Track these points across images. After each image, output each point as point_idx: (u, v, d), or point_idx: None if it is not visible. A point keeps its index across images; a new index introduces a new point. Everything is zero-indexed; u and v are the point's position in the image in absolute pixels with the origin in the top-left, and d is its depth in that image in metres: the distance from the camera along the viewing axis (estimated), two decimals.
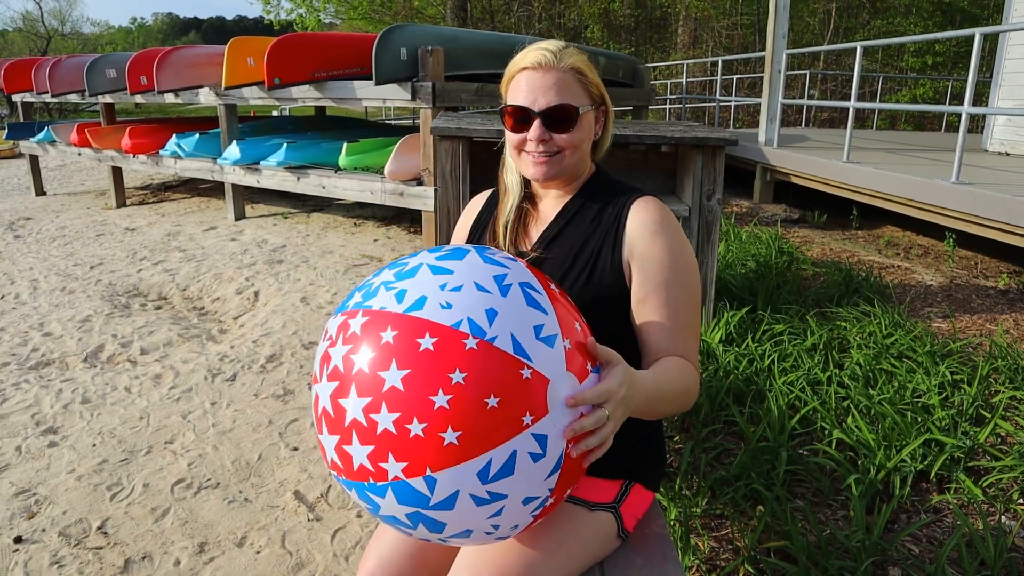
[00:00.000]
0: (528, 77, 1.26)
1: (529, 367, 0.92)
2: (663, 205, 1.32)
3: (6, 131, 9.78)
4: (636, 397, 1.03)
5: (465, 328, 0.92)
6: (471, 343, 0.91)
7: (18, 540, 2.23)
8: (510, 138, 1.32)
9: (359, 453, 0.94)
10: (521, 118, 1.27)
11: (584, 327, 1.05)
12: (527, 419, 0.91)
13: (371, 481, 0.95)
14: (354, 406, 0.93)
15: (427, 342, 0.91)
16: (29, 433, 2.92)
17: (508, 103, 1.29)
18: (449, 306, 0.94)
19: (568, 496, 1.24)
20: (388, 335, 0.93)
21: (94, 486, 2.53)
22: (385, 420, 0.91)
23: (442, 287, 0.96)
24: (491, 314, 0.94)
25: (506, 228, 1.39)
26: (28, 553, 2.17)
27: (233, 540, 2.24)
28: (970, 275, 4.86)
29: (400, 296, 0.97)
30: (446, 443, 0.89)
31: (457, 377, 0.89)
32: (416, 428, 0.90)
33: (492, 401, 0.89)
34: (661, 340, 1.23)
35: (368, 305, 0.99)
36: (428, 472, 0.90)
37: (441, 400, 0.89)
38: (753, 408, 2.83)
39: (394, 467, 0.92)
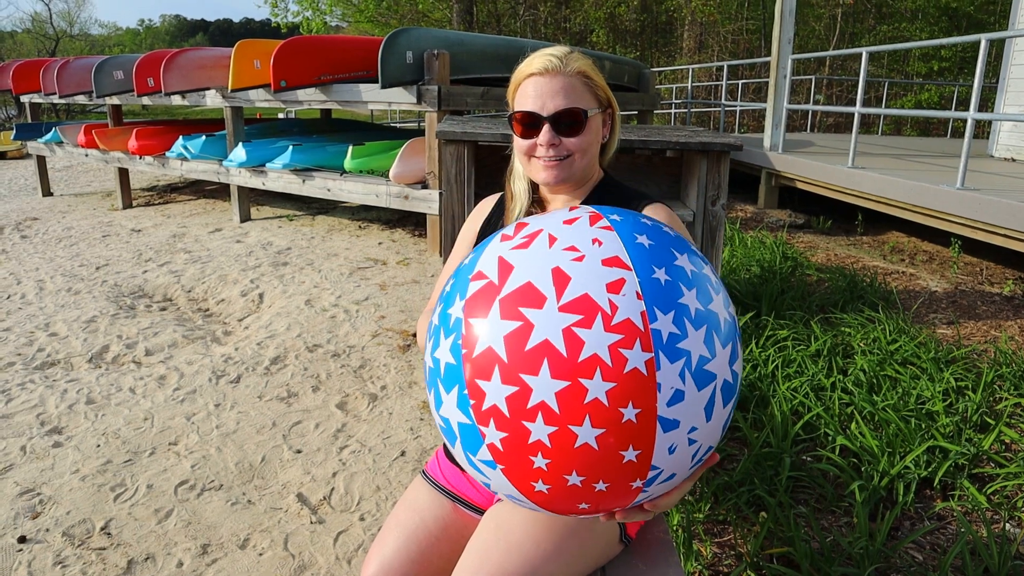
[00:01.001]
0: (535, 83, 1.27)
1: None
2: (672, 211, 1.32)
3: (14, 131, 9.83)
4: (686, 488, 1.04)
5: None
6: None
7: (22, 540, 2.24)
8: (519, 144, 1.32)
9: None
10: (530, 123, 1.28)
11: None
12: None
13: None
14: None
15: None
16: (34, 433, 2.94)
17: (516, 110, 1.29)
18: None
19: None
20: None
21: (98, 487, 2.54)
22: None
23: None
24: None
25: None
26: (32, 553, 2.17)
27: (236, 542, 2.24)
28: (975, 281, 4.84)
29: None
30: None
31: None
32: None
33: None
34: None
35: None
36: None
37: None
38: (757, 414, 2.82)
39: None
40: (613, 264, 0.86)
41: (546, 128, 1.26)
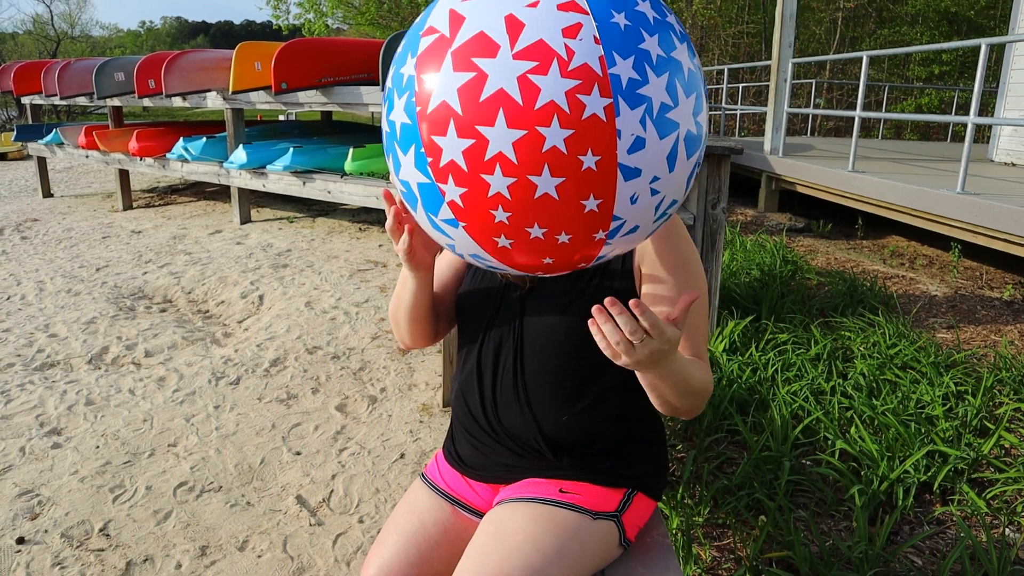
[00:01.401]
0: None
1: None
2: (674, 213, 1.33)
3: (15, 133, 9.83)
4: (673, 358, 1.03)
5: None
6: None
7: (20, 541, 2.24)
8: None
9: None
10: None
11: None
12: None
13: None
14: None
15: None
16: (33, 434, 2.93)
17: None
18: None
19: (571, 504, 1.24)
20: None
21: (97, 488, 2.54)
22: None
23: None
24: None
25: None
26: (30, 554, 2.17)
27: (235, 544, 2.24)
28: (975, 286, 4.84)
29: None
30: None
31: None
32: None
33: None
34: None
35: None
36: None
37: None
38: (756, 417, 2.82)
39: None
40: (569, 8, 0.82)
41: None
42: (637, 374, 1.10)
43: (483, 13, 0.83)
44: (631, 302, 0.92)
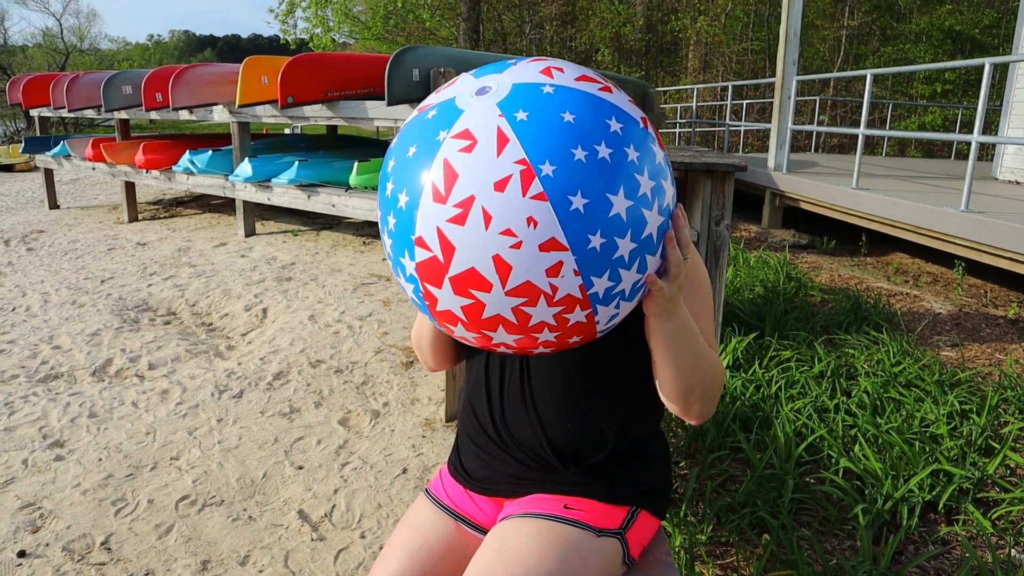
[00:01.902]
0: None
1: None
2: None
3: (23, 144, 9.90)
4: (680, 304, 1.07)
5: None
6: None
7: (22, 554, 2.23)
8: None
9: None
10: None
11: None
12: None
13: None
14: None
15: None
16: (36, 446, 2.93)
17: None
18: None
19: (575, 521, 1.24)
20: None
21: (99, 501, 2.53)
22: None
23: None
24: None
25: None
26: (31, 568, 2.17)
27: (236, 559, 2.23)
28: (979, 304, 4.83)
29: None
30: None
31: None
32: None
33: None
34: None
35: None
36: None
37: None
38: (760, 435, 2.81)
39: None
40: (550, 248, 0.88)
41: None
42: (656, 342, 1.12)
43: (471, 248, 0.89)
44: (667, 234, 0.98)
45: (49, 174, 9.72)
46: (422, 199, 0.93)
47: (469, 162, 0.90)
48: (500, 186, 0.88)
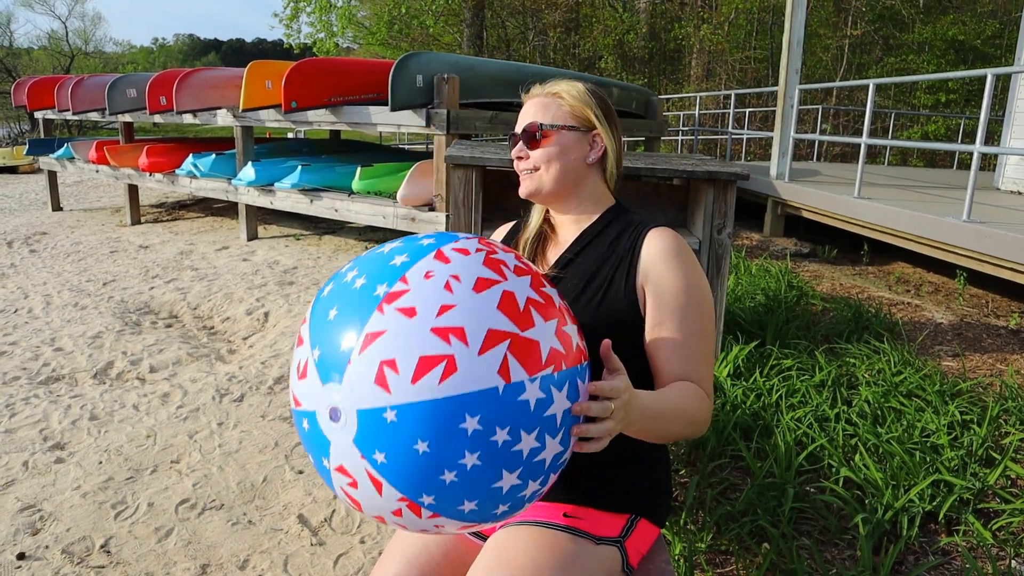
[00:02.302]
0: (523, 108, 1.42)
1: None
2: (679, 235, 1.34)
3: (27, 146, 9.93)
4: (635, 410, 1.05)
5: None
6: None
7: (21, 557, 2.23)
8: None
9: (574, 331, 1.02)
10: (512, 144, 1.41)
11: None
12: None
13: (582, 361, 1.02)
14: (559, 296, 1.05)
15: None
16: (36, 448, 2.94)
17: None
18: None
19: (574, 529, 1.24)
20: None
21: (99, 504, 2.53)
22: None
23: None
24: None
25: (523, 249, 1.44)
26: (31, 570, 2.17)
27: (235, 563, 2.23)
28: (981, 314, 4.83)
29: None
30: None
31: None
32: None
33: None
34: (674, 366, 1.23)
35: None
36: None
37: None
38: (760, 443, 2.81)
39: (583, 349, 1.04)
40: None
41: (518, 144, 1.40)
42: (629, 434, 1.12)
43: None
44: (587, 386, 0.99)
45: (53, 176, 9.75)
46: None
47: (362, 498, 0.95)
48: (397, 514, 0.94)
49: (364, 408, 0.88)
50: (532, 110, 1.39)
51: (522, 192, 1.40)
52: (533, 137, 1.37)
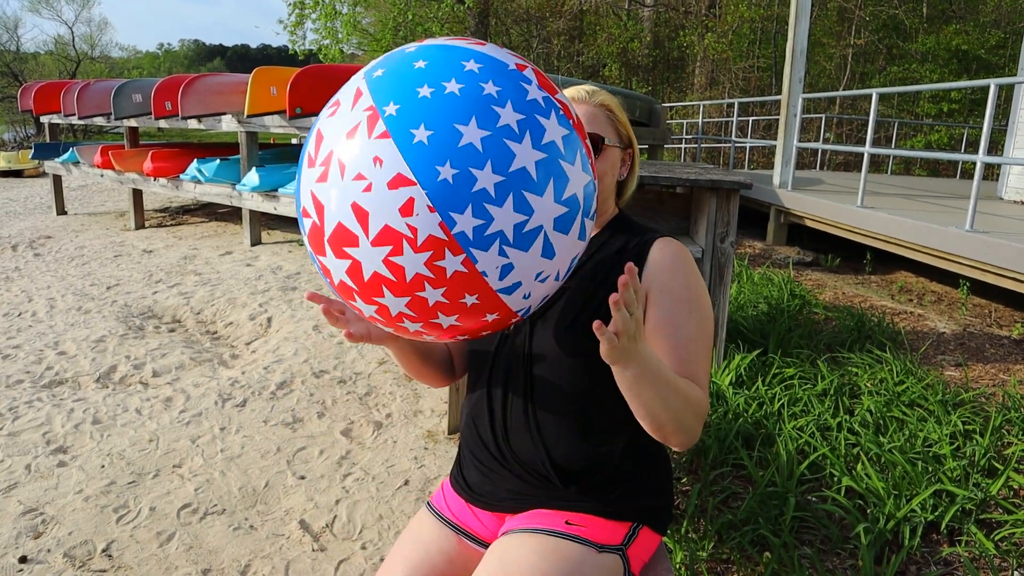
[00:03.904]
0: None
1: None
2: (683, 246, 1.35)
3: (32, 150, 9.98)
4: (643, 345, 1.04)
5: None
6: None
7: (23, 560, 2.24)
8: None
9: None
10: None
11: None
12: None
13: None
14: None
15: None
16: (39, 452, 2.94)
17: None
18: None
19: (576, 537, 1.24)
20: None
21: (101, 508, 2.54)
22: None
23: None
24: None
25: None
26: (32, 574, 2.17)
27: (237, 568, 2.23)
28: (984, 324, 4.83)
29: None
30: None
31: None
32: None
33: None
34: (674, 366, 1.23)
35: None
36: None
37: None
38: (762, 452, 2.81)
39: None
40: (398, 184, 0.88)
41: None
42: (618, 383, 1.10)
43: (335, 201, 0.92)
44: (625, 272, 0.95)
45: (58, 180, 9.78)
46: (302, 171, 0.99)
47: (332, 123, 0.95)
48: (351, 135, 0.92)
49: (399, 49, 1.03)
50: (584, 119, 1.33)
51: None
52: (592, 149, 1.33)
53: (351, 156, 0.91)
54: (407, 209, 0.87)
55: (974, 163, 4.85)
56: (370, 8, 20.24)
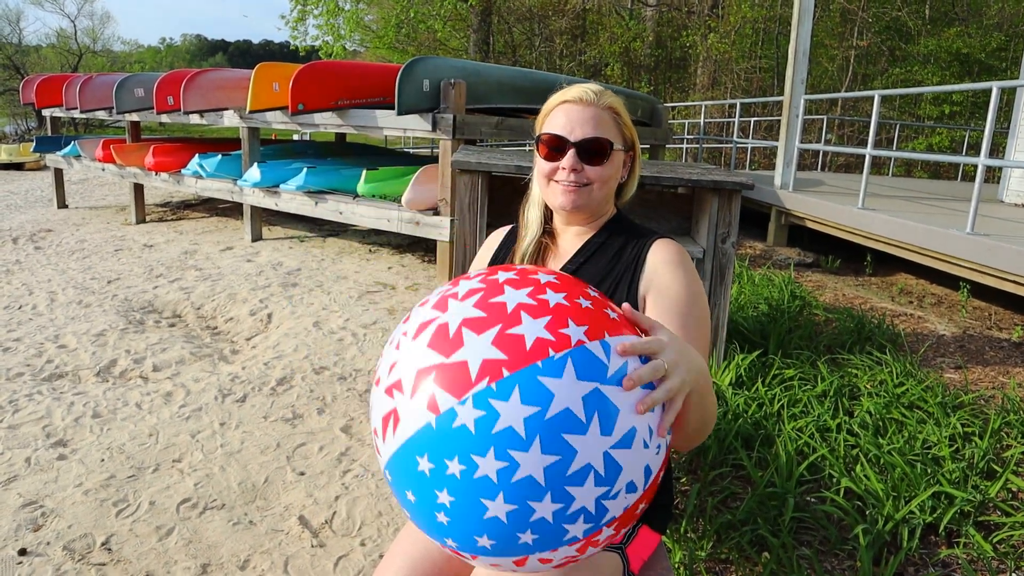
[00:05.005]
0: (567, 109, 1.33)
1: None
2: (681, 247, 1.35)
3: (34, 143, 9.97)
4: (692, 357, 0.96)
5: None
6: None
7: (22, 552, 2.24)
8: (541, 166, 1.36)
9: (534, 327, 0.88)
10: (556, 147, 1.32)
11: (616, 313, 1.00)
12: None
13: (551, 353, 0.86)
14: (514, 297, 0.92)
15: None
16: (39, 445, 2.95)
17: (544, 132, 1.33)
18: None
19: None
20: None
21: (100, 501, 2.54)
22: (554, 298, 0.92)
23: None
24: None
25: (523, 261, 1.42)
26: (32, 566, 2.17)
27: (236, 563, 2.24)
28: (984, 326, 4.83)
29: None
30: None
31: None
32: (585, 303, 0.93)
33: None
34: None
35: None
36: (606, 336, 0.89)
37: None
38: (761, 453, 2.81)
39: (576, 331, 0.88)
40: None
41: (571, 153, 1.31)
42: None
43: None
44: (617, 345, 0.89)
45: (59, 174, 9.78)
46: None
47: None
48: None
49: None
50: (591, 122, 1.31)
51: (568, 204, 1.34)
52: (598, 154, 1.31)
53: None
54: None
55: (975, 166, 4.85)
56: (373, 4, 20.21)
